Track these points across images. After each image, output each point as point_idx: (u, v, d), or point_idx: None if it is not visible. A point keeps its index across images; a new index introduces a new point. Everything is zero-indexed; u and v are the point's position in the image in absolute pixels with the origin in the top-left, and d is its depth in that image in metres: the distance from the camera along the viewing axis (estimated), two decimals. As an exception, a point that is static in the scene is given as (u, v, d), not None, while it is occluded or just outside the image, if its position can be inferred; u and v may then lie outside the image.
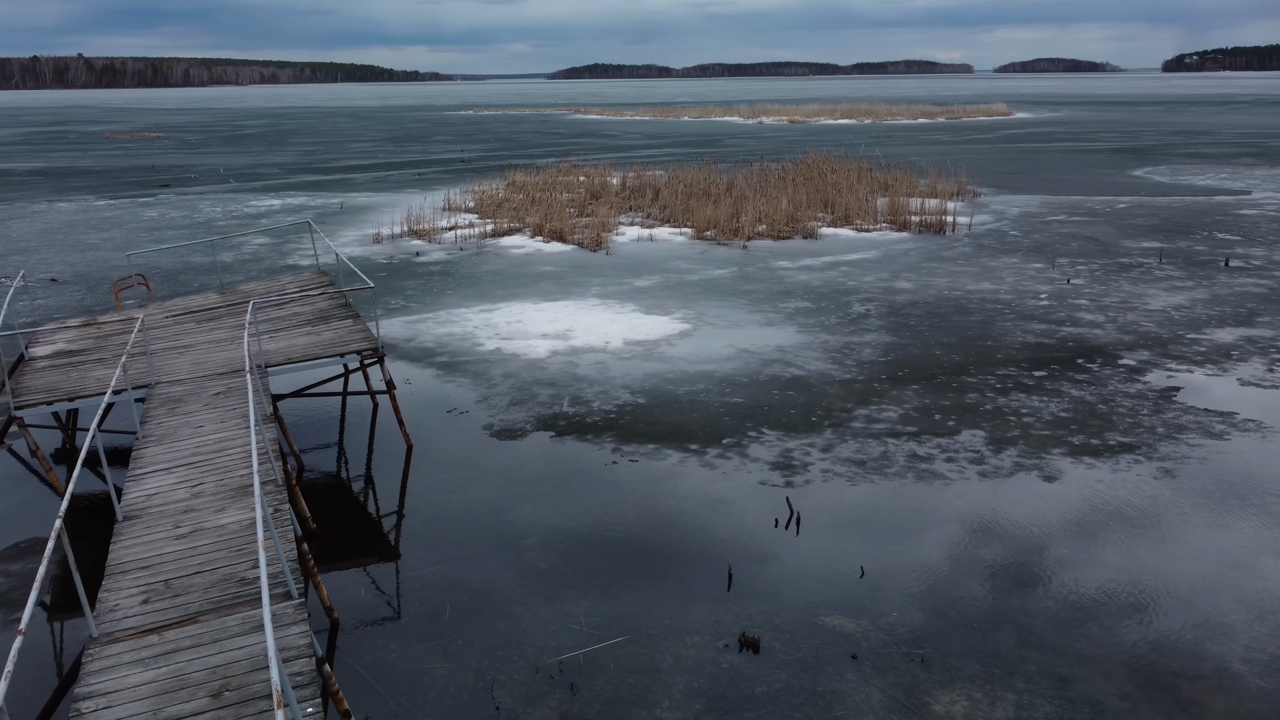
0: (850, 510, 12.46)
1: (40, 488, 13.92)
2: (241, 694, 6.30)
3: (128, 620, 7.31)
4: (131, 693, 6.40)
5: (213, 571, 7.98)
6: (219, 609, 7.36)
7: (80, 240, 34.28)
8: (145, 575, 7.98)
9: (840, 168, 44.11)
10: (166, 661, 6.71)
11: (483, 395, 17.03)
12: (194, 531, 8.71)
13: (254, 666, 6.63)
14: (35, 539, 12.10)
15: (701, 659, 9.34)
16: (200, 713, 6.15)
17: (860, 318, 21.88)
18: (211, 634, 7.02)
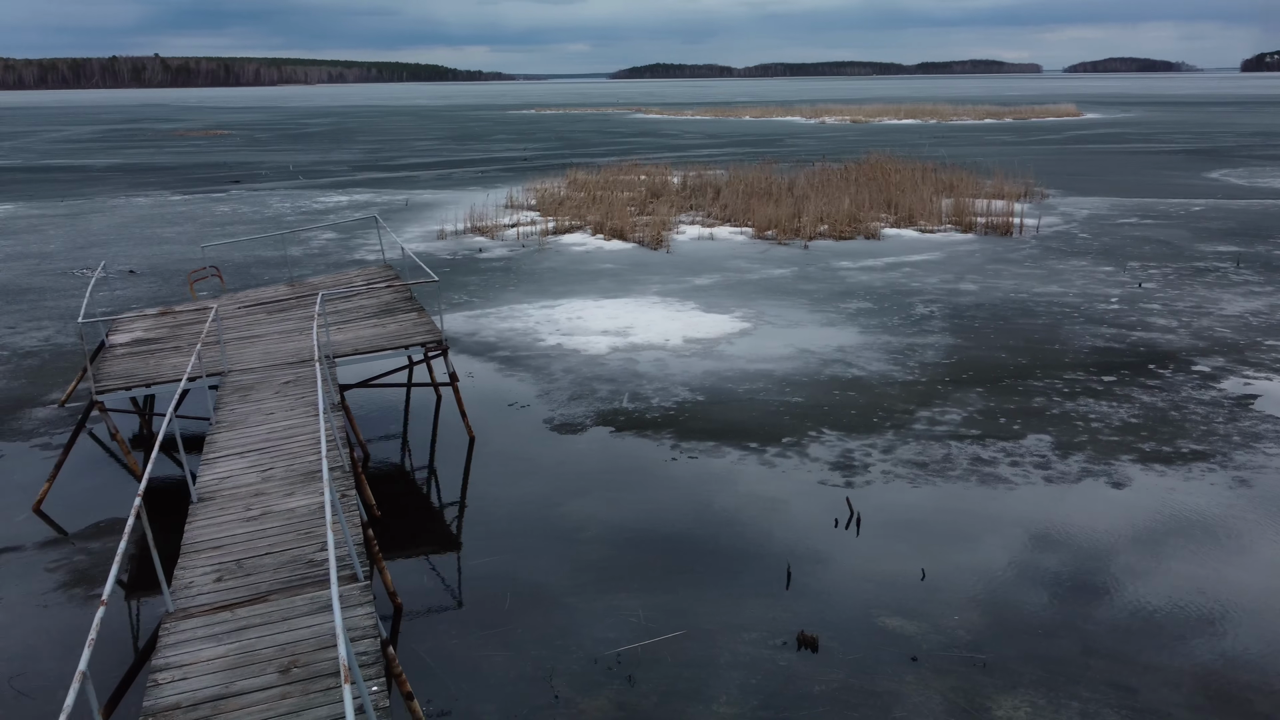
0: (911, 512, 12.33)
1: (119, 470, 14.40)
2: (308, 671, 6.47)
3: (201, 597, 7.54)
4: (204, 666, 6.60)
5: (282, 553, 8.19)
6: (287, 589, 7.56)
7: (155, 234, 35.30)
8: (218, 555, 8.22)
9: (903, 168, 43.60)
10: (237, 638, 6.91)
11: (543, 390, 17.19)
12: (264, 514, 8.95)
13: (320, 645, 6.79)
14: (115, 519, 12.52)
15: (758, 656, 9.33)
16: (269, 687, 6.32)
17: (923, 319, 21.62)
18: (280, 613, 7.22)
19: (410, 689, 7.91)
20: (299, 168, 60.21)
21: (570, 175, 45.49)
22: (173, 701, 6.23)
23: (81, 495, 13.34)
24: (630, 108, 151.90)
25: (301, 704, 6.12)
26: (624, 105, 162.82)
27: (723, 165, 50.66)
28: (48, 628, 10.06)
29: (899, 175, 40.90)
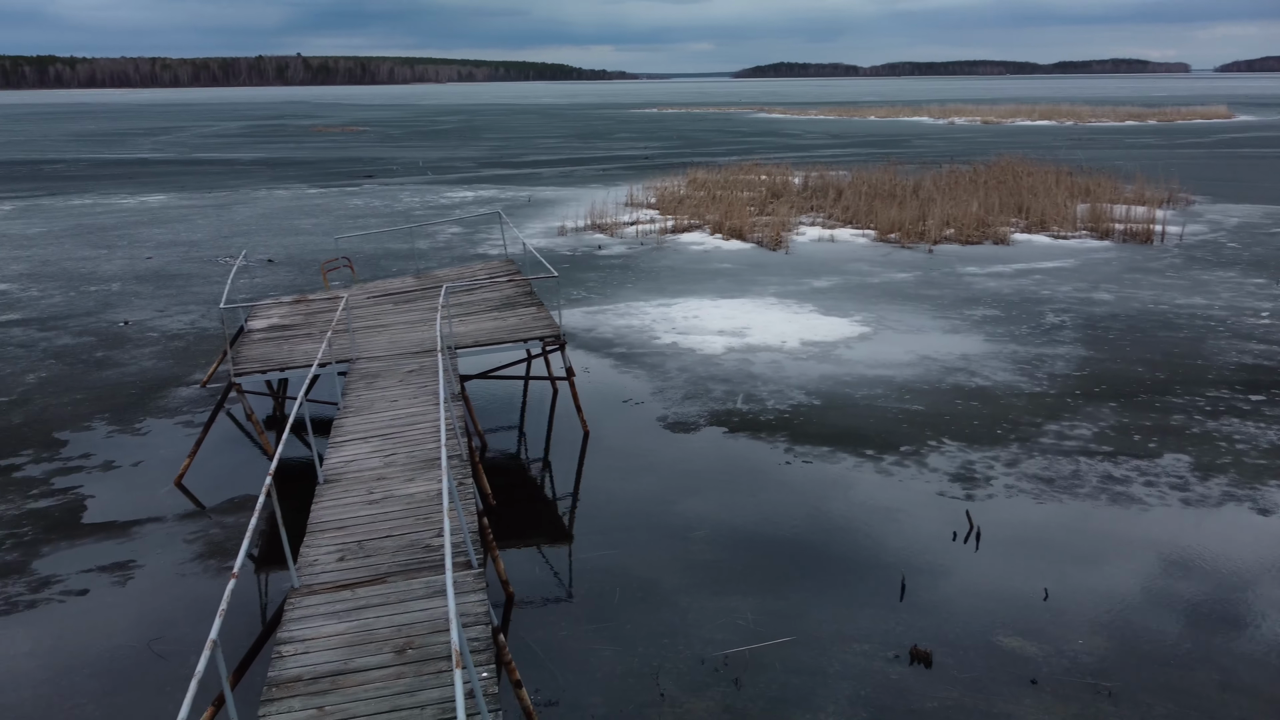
0: (1035, 529, 11.86)
1: (253, 449, 15.11)
2: (422, 653, 6.64)
3: (324, 575, 7.83)
4: (325, 642, 6.85)
5: (401, 536, 8.44)
6: (405, 571, 7.78)
7: (293, 225, 36.90)
8: (341, 535, 8.52)
9: (1036, 171, 41.99)
10: (357, 616, 7.15)
11: (657, 387, 17.22)
12: (385, 498, 9.24)
13: (434, 629, 6.96)
14: (247, 495, 13.14)
15: (869, 667, 9.12)
16: (385, 666, 6.52)
17: (1053, 329, 20.77)
18: (398, 594, 7.43)
19: (519, 677, 8.03)
20: (428, 164, 62.01)
21: (691, 174, 45.49)
22: (295, 674, 6.48)
23: (218, 472, 14.04)
24: (752, 107, 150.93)
25: (415, 685, 6.28)
26: (746, 105, 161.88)
27: (846, 166, 49.83)
28: (184, 595, 10.62)
29: (1031, 178, 39.42)
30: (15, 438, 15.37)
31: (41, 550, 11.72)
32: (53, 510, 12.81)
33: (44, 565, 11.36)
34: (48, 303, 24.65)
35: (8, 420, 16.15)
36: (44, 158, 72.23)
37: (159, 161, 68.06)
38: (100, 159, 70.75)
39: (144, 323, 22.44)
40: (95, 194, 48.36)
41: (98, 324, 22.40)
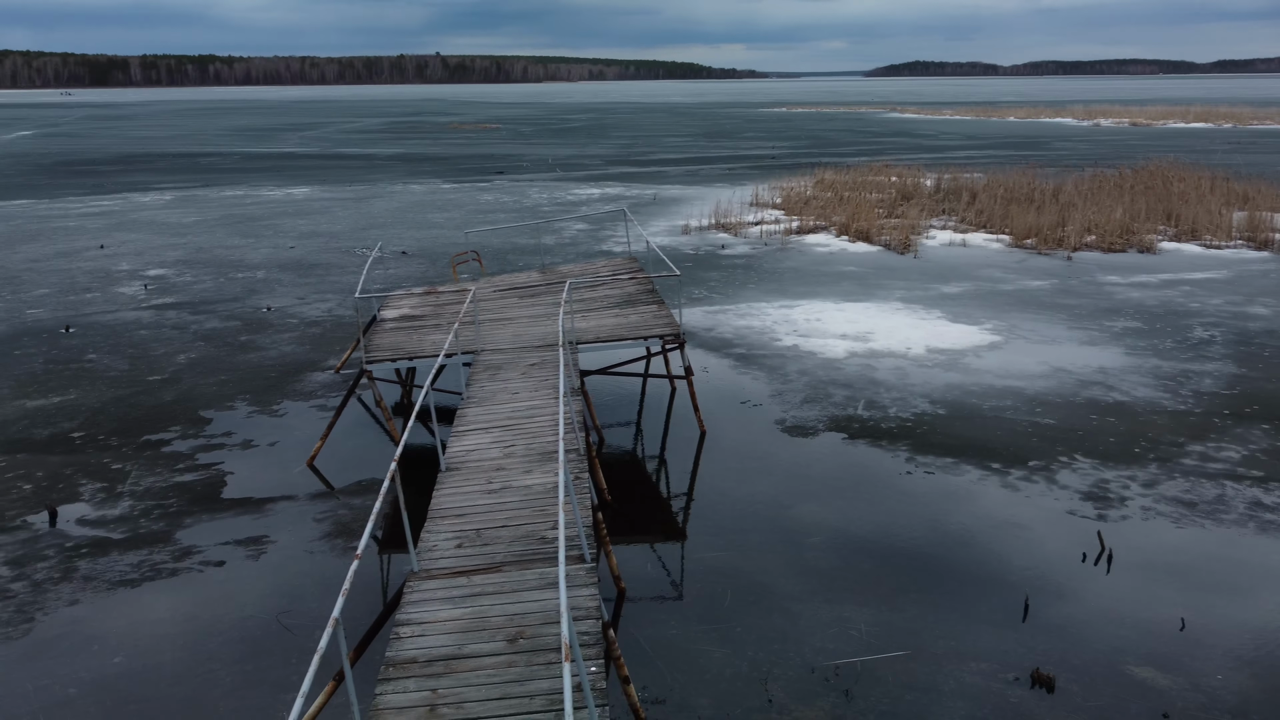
0: (1173, 555, 11.23)
1: (380, 434, 15.67)
2: (533, 643, 6.74)
3: (443, 561, 8.05)
4: (441, 626, 7.04)
5: (517, 527, 8.60)
6: (519, 562, 7.92)
7: (426, 219, 38.08)
8: (459, 523, 8.74)
9: (1188, 175, 39.72)
10: (472, 603, 7.32)
11: (777, 390, 17.05)
12: (503, 489, 9.43)
13: (546, 620, 7.06)
14: (374, 479, 13.63)
15: (987, 688, 8.80)
16: (496, 654, 6.65)
17: (1201, 344, 19.62)
18: (511, 584, 7.57)
19: (627, 673, 8.07)
20: (557, 161, 63.04)
21: (818, 175, 44.88)
22: (411, 655, 6.68)
23: (348, 455, 14.61)
24: (885, 106, 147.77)
25: (525, 674, 6.39)
26: (878, 104, 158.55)
27: (981, 168, 48.25)
28: (311, 571, 11.09)
29: (1182, 184, 37.33)
30: (166, 415, 16.35)
31: (184, 522, 12.44)
32: (196, 485, 13.57)
33: (186, 536, 12.05)
34: (199, 288, 26.13)
35: (159, 398, 17.18)
36: (201, 151, 76.64)
37: (304, 156, 71.31)
38: (251, 152, 74.61)
39: (285, 309, 23.54)
40: (245, 186, 51.02)
41: (243, 309, 23.62)
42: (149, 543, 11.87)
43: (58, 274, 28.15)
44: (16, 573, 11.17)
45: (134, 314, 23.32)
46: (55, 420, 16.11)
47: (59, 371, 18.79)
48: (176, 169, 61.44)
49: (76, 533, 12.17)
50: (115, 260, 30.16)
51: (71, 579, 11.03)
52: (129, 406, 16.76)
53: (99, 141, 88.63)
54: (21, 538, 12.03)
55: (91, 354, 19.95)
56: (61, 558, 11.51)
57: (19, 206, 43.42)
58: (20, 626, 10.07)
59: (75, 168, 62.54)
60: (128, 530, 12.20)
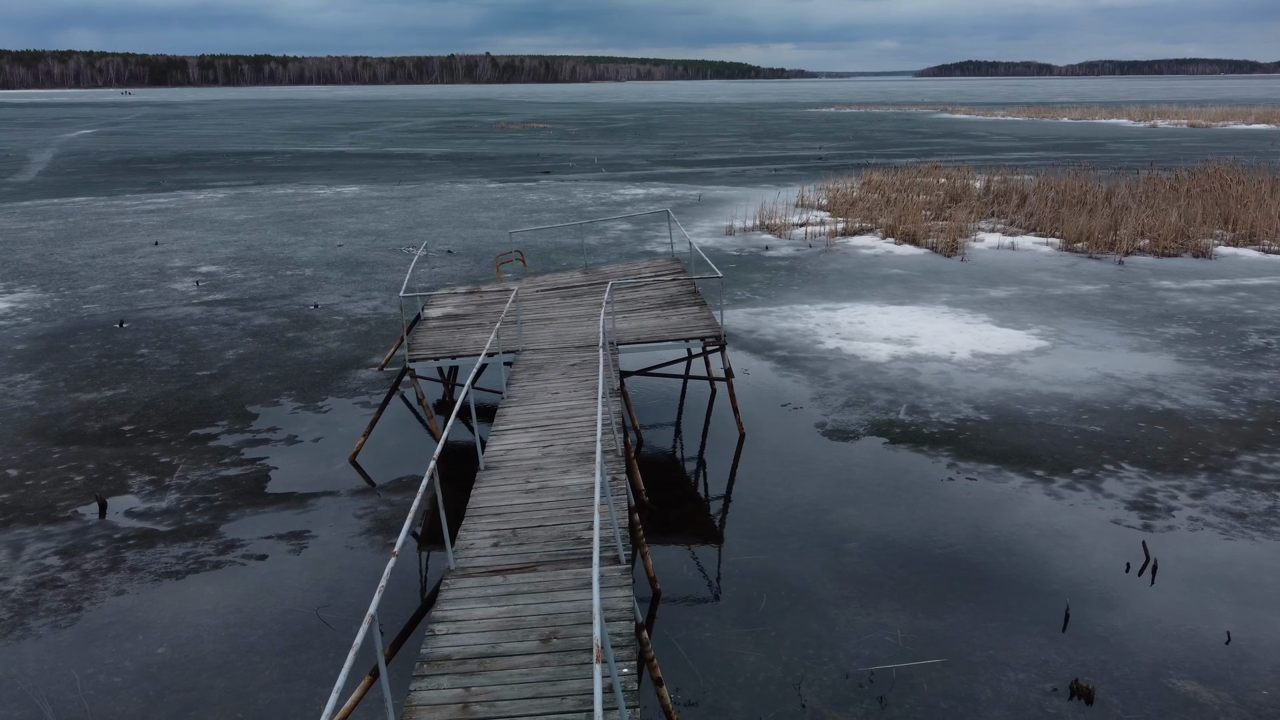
0: (1221, 567, 10.98)
1: (422, 431, 15.83)
2: (567, 643, 6.78)
3: (479, 559, 8.12)
4: (476, 624, 7.10)
5: (553, 527, 8.65)
6: (555, 562, 7.96)
7: (473, 218, 38.40)
8: (497, 522, 8.81)
9: (1247, 178, 38.75)
10: (507, 602, 7.37)
11: (818, 393, 16.95)
12: (541, 488, 9.49)
13: (580, 620, 7.09)
14: (414, 475, 13.78)
15: (1025, 698, 8.68)
16: (530, 653, 6.69)
17: (1257, 351, 19.15)
18: (546, 584, 7.62)
19: (660, 675, 8.07)
20: (603, 161, 63.20)
21: (865, 176, 44.50)
22: (445, 653, 6.75)
23: (389, 452, 14.79)
24: (935, 107, 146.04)
25: (558, 674, 6.42)
26: (929, 105, 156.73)
27: (1032, 170, 47.50)
28: (351, 566, 11.24)
29: (1240, 187, 36.42)
30: (213, 409, 16.67)
31: (229, 515, 12.68)
32: (241, 479, 13.83)
33: (230, 529, 12.28)
34: (249, 285, 26.60)
35: (207, 393, 17.53)
36: (254, 150, 77.98)
37: (354, 155, 72.24)
38: (303, 151, 75.76)
39: (331, 307, 23.88)
40: (296, 184, 51.83)
41: (291, 306, 24.00)
42: (194, 535, 12.12)
43: (113, 270, 28.82)
44: (66, 562, 11.46)
45: (185, 310, 23.81)
46: (106, 414, 16.51)
47: (112, 366, 19.25)
48: (230, 167, 62.59)
49: (125, 524, 12.46)
50: (169, 257, 30.82)
51: (119, 569, 11.30)
52: (178, 401, 17.11)
53: (156, 140, 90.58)
54: (72, 528, 12.35)
55: (143, 349, 20.41)
56: (110, 549, 11.80)
57: (78, 203, 44.53)
58: (69, 615, 10.34)
59: (133, 166, 63.97)
60: (174, 523, 12.47)
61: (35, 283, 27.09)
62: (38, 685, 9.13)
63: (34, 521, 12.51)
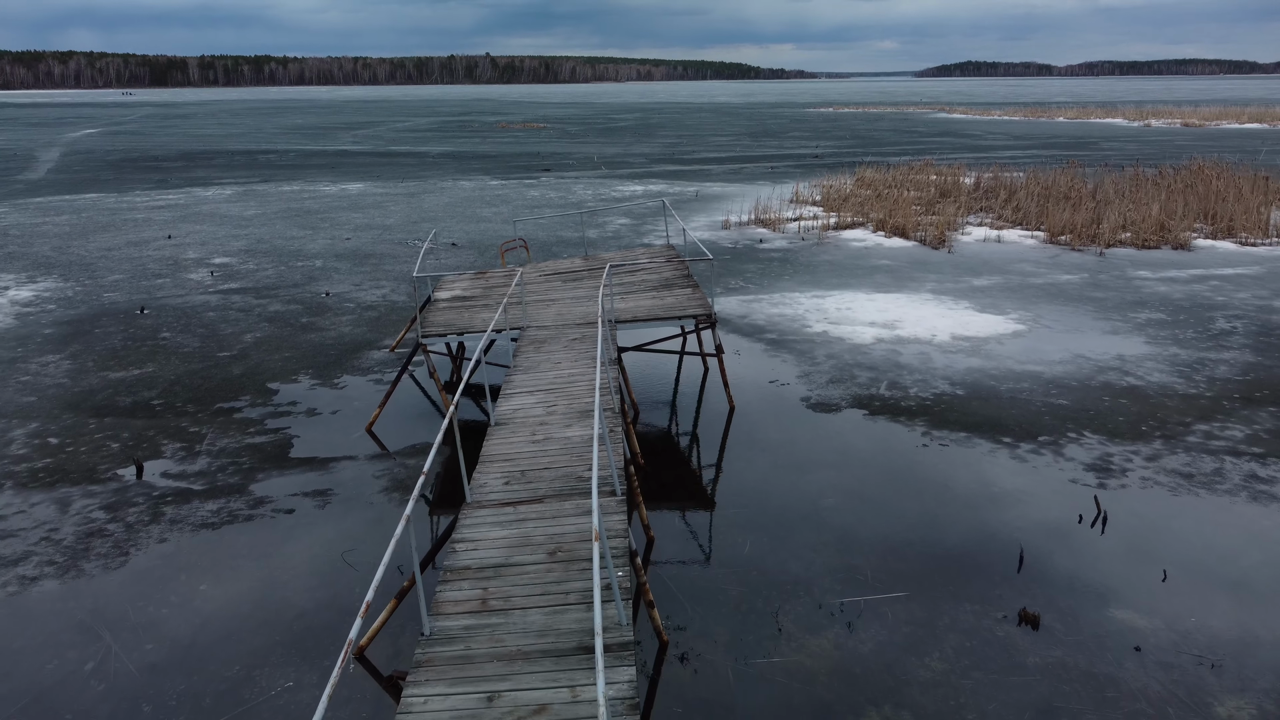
0: (1166, 519, 12.04)
1: (432, 406, 16.88)
2: (570, 555, 7.83)
3: (492, 495, 9.17)
4: (491, 543, 8.15)
5: (558, 469, 9.70)
6: (559, 495, 9.02)
7: (476, 213, 39.46)
8: (507, 465, 9.87)
9: (1229, 175, 39.80)
10: (517, 526, 8.43)
11: (804, 371, 18.01)
12: (545, 439, 10.55)
13: (581, 538, 8.15)
14: (427, 443, 14.82)
15: (977, 625, 9.74)
16: (538, 563, 7.75)
17: (1222, 334, 20.22)
18: (552, 512, 8.67)
19: (652, 599, 9.14)
20: (603, 159, 64.26)
21: (859, 173, 45.55)
22: (465, 564, 7.81)
23: (403, 422, 15.84)
24: (933, 107, 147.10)
25: (562, 577, 7.48)
26: (928, 105, 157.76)
27: (1023, 168, 48.57)
28: (371, 518, 12.29)
29: (1219, 182, 37.50)
30: (236, 386, 17.73)
31: (257, 476, 13.73)
32: (266, 446, 14.88)
33: (259, 488, 13.34)
34: (262, 275, 27.65)
35: (229, 372, 18.58)
36: (258, 148, 79.02)
37: (358, 153, 73.30)
38: (307, 150, 76.82)
39: (343, 295, 24.94)
40: (302, 181, 52.89)
41: (304, 294, 25.06)
42: (226, 493, 13.18)
43: (130, 261, 29.87)
44: (111, 516, 12.52)
45: (202, 298, 24.87)
46: (136, 390, 17.56)
47: (136, 348, 20.30)
48: (236, 165, 63.64)
49: (161, 484, 13.52)
50: (182, 249, 31.87)
51: (160, 521, 12.36)
52: (202, 379, 18.17)
53: (161, 139, 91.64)
54: (113, 488, 13.41)
55: (165, 333, 21.46)
56: (150, 504, 12.86)
57: (89, 200, 45.57)
58: (117, 559, 11.40)
59: (140, 164, 65.02)
60: (207, 483, 13.53)
61: (56, 273, 28.14)
62: (94, 616, 10.19)
63: (77, 482, 13.58)
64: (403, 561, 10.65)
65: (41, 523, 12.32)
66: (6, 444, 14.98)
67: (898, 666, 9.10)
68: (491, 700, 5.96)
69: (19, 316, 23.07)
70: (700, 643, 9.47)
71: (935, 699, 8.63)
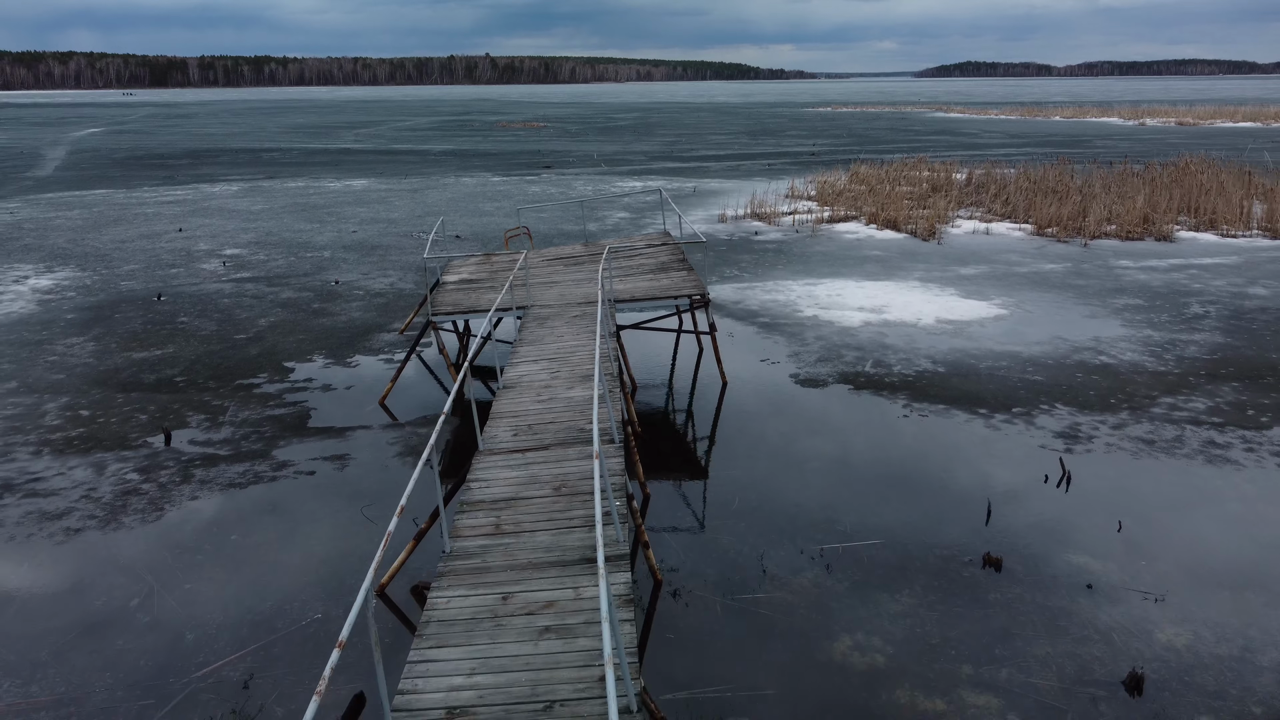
0: (1126, 479, 12.95)
1: (440, 383, 17.80)
2: (572, 489, 8.76)
3: (501, 444, 10.10)
4: (502, 482, 9.08)
5: (561, 423, 10.63)
6: (562, 444, 9.94)
7: (478, 208, 40.39)
8: (515, 420, 10.80)
9: (1212, 170, 40.73)
10: (525, 468, 9.35)
11: (794, 351, 18.93)
12: (550, 399, 11.47)
13: (583, 476, 9.08)
14: (436, 414, 15.73)
15: (945, 567, 10.66)
16: (545, 496, 8.67)
17: (1195, 318, 21.14)
18: (556, 457, 9.59)
19: (647, 540, 10.06)
20: (602, 156, 65.19)
21: (854, 169, 46.47)
22: (479, 499, 8.73)
23: (413, 396, 16.76)
24: (931, 106, 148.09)
25: (567, 507, 8.40)
26: (926, 104, 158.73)
27: (1015, 165, 49.48)
28: (387, 480, 13.20)
29: (1202, 176, 38.42)
30: (254, 365, 18.64)
31: (279, 443, 14.65)
32: (285, 417, 15.80)
33: (281, 453, 14.26)
34: (273, 265, 28.57)
35: (247, 353, 19.49)
36: (262, 147, 79.94)
37: (360, 151, 74.22)
38: (310, 148, 77.75)
39: (352, 283, 25.86)
40: (306, 178, 53.80)
41: (314, 282, 25.98)
42: (250, 458, 14.09)
43: (143, 253, 30.79)
44: (145, 477, 13.44)
45: (216, 286, 25.78)
46: (159, 368, 18.47)
47: (156, 331, 21.22)
48: (240, 163, 64.55)
49: (190, 450, 14.43)
50: (193, 241, 32.78)
51: (190, 482, 13.27)
52: (221, 358, 19.08)
53: (164, 138, 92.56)
54: (145, 453, 14.32)
55: (183, 317, 22.38)
56: (180, 467, 13.77)
57: (99, 195, 46.49)
58: (153, 514, 12.31)
59: (145, 162, 65.93)
60: (232, 449, 14.44)
61: (73, 263, 29.06)
62: (135, 561, 11.10)
63: (111, 448, 14.49)
64: (417, 512, 11.56)
65: (80, 483, 13.23)
66: (41, 416, 15.90)
67: (871, 601, 10.01)
68: (506, 599, 6.87)
69: (41, 303, 23.99)
70: (691, 581, 10.39)
71: (903, 627, 9.55)
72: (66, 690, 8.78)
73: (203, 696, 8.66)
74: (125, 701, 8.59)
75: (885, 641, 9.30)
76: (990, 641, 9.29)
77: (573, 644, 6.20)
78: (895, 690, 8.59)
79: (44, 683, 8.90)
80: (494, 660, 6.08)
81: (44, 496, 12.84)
